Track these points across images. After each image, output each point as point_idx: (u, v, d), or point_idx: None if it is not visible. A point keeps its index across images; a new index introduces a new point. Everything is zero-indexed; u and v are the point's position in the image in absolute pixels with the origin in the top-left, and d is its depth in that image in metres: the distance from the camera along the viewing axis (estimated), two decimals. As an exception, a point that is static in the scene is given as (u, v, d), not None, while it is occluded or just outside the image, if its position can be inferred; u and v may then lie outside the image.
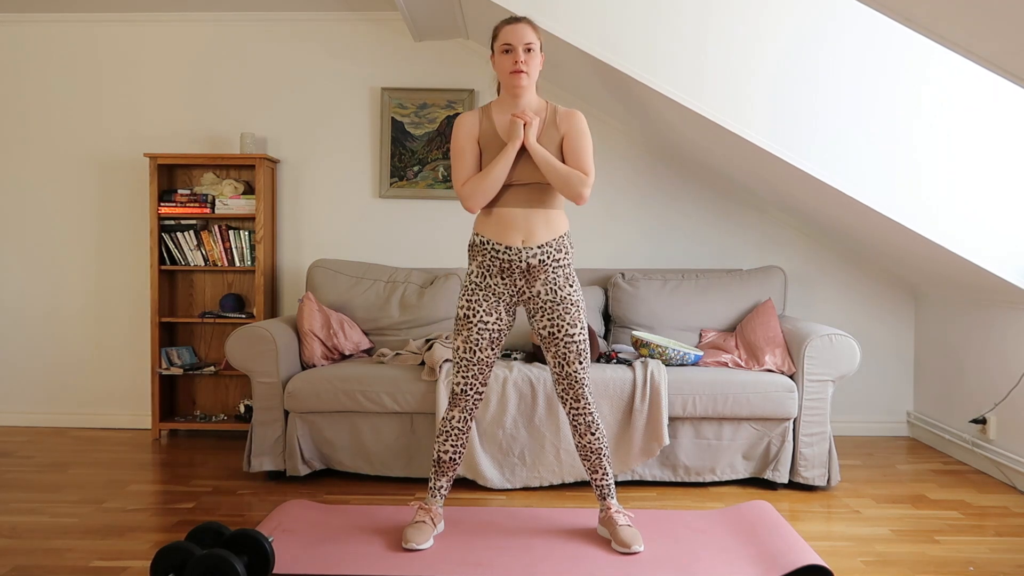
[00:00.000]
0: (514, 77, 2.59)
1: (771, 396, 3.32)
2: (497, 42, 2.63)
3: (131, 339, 4.47)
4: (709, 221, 4.38)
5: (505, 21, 2.65)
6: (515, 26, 2.61)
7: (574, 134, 2.64)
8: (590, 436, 2.71)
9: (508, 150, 2.59)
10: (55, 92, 4.46)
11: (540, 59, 2.65)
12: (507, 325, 2.71)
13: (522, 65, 2.58)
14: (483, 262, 2.66)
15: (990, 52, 2.29)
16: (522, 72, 2.59)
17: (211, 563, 2.18)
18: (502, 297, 2.67)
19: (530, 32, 2.61)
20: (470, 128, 2.68)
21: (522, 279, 2.65)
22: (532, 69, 2.61)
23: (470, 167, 2.66)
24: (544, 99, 2.72)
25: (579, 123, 2.66)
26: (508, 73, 2.60)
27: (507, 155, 2.59)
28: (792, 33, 3.28)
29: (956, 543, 2.75)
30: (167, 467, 3.68)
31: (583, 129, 2.65)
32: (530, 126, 2.58)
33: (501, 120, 2.66)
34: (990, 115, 3.22)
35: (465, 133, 2.68)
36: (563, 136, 2.64)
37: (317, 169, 4.45)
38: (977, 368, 3.73)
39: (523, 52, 2.58)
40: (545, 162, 2.58)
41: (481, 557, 2.57)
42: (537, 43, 2.62)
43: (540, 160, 2.58)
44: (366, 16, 4.37)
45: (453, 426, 2.73)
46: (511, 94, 2.65)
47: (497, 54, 2.63)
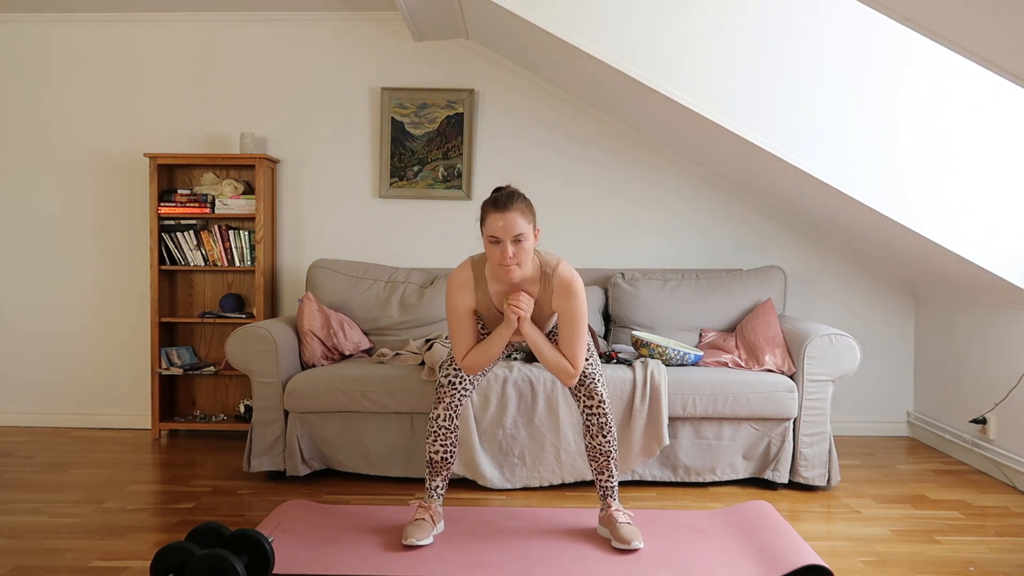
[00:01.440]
0: (503, 271, 2.51)
1: (771, 396, 3.32)
2: (485, 229, 2.49)
3: (131, 339, 4.47)
4: (709, 221, 4.38)
5: (492, 205, 2.47)
6: (503, 216, 2.43)
7: (568, 317, 2.59)
8: (601, 438, 2.72)
9: (503, 334, 2.61)
10: (55, 92, 4.46)
11: (535, 238, 2.52)
12: None
13: (510, 260, 2.47)
14: None
15: (990, 52, 2.29)
16: (511, 267, 2.49)
17: (211, 563, 2.18)
18: None
19: (520, 221, 2.44)
20: (466, 301, 2.64)
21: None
22: (523, 259, 2.49)
23: (469, 339, 2.67)
24: (539, 256, 2.61)
25: (574, 305, 2.57)
26: (497, 264, 2.50)
27: (502, 338, 2.62)
28: (784, 28, 3.28)
29: (956, 543, 2.75)
30: (167, 467, 3.68)
31: (577, 313, 2.58)
32: (523, 321, 2.58)
33: (495, 289, 2.64)
34: (990, 115, 3.22)
35: (462, 306, 2.64)
36: (556, 311, 2.64)
37: (317, 169, 4.45)
38: (977, 368, 3.73)
39: (512, 245, 2.45)
40: (537, 348, 2.63)
41: (481, 557, 2.57)
42: (529, 228, 2.48)
43: (532, 345, 2.63)
44: (366, 16, 4.37)
45: (440, 425, 2.73)
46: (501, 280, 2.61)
47: (486, 240, 2.50)
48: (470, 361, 2.66)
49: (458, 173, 4.36)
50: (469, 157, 4.36)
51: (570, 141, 4.37)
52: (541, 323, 2.72)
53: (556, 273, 2.58)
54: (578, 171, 4.37)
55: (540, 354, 2.63)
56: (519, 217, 2.44)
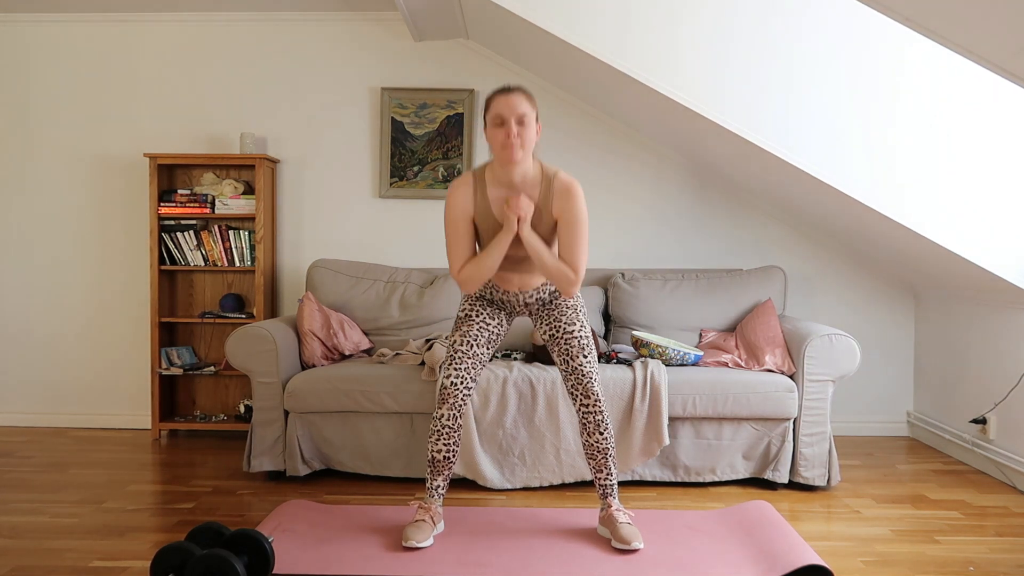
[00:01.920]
0: (506, 152, 2.49)
1: (771, 396, 3.32)
2: (489, 113, 2.52)
3: (131, 339, 4.47)
4: (709, 221, 4.38)
5: (497, 91, 2.53)
6: (507, 97, 2.49)
7: (567, 222, 2.57)
8: (598, 435, 2.72)
9: (502, 240, 2.56)
10: (55, 92, 4.46)
11: (536, 129, 2.54)
12: (505, 331, 2.83)
13: (515, 139, 2.47)
14: (482, 293, 2.78)
15: (990, 52, 2.29)
16: (514, 147, 2.48)
17: (211, 563, 2.18)
18: (503, 307, 2.80)
19: (524, 103, 2.50)
20: (464, 207, 2.61)
21: (521, 310, 2.80)
22: (527, 142, 2.51)
23: (466, 251, 2.62)
24: (540, 163, 2.62)
25: (574, 207, 2.56)
26: (500, 147, 2.50)
27: (501, 245, 2.56)
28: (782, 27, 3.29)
29: (956, 543, 2.75)
30: (167, 467, 3.68)
31: (577, 215, 2.56)
32: (523, 222, 2.53)
33: (496, 196, 2.60)
34: (990, 115, 3.22)
35: (460, 212, 2.61)
36: (557, 216, 2.60)
37: (317, 169, 4.45)
38: (977, 368, 3.73)
39: (516, 125, 2.48)
40: (536, 254, 2.56)
41: (481, 557, 2.57)
42: (532, 113, 2.51)
43: (531, 251, 2.56)
44: (366, 16, 4.37)
45: (444, 424, 2.73)
46: (505, 168, 2.57)
47: (489, 126, 2.52)
48: (467, 273, 2.59)
49: (458, 173, 4.36)
50: (469, 157, 4.36)
51: (570, 141, 4.37)
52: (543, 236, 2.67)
53: (557, 177, 2.59)
54: (578, 171, 4.36)
55: (540, 260, 2.56)
56: (523, 99, 2.51)
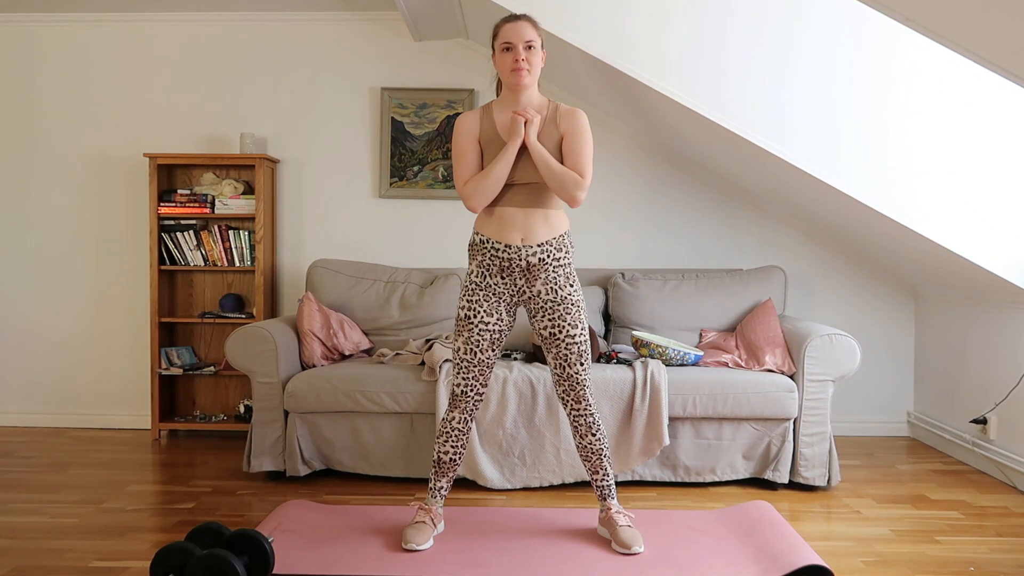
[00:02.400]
0: (515, 75, 2.58)
1: (771, 396, 3.31)
2: (497, 40, 2.62)
3: (131, 339, 4.47)
4: (709, 221, 4.38)
5: (505, 19, 2.64)
6: (515, 24, 2.60)
7: (573, 133, 2.62)
8: (591, 437, 2.71)
9: (509, 148, 2.58)
10: (55, 92, 4.46)
11: (541, 56, 2.63)
12: (507, 326, 2.70)
13: (523, 63, 2.57)
14: (483, 261, 2.66)
15: (990, 52, 2.29)
16: (523, 70, 2.57)
17: (211, 563, 2.18)
18: (502, 297, 2.67)
19: (530, 29, 2.59)
20: (471, 128, 2.67)
21: (522, 278, 2.64)
22: (533, 66, 2.60)
23: (472, 167, 2.66)
24: (546, 97, 2.71)
25: (580, 122, 2.64)
26: (509, 71, 2.59)
27: (508, 154, 2.58)
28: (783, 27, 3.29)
29: (956, 543, 2.75)
30: (167, 467, 3.68)
31: (583, 129, 2.63)
32: (531, 123, 2.58)
33: (502, 119, 2.65)
34: (990, 115, 3.22)
35: (466, 133, 2.67)
36: (563, 134, 2.63)
37: (317, 169, 4.45)
38: (977, 368, 3.73)
39: (524, 50, 2.57)
40: (543, 161, 2.57)
41: (481, 557, 2.57)
42: (538, 40, 2.61)
43: (538, 158, 2.57)
44: (366, 16, 4.37)
45: (454, 427, 2.72)
46: (512, 92, 2.64)
47: (498, 53, 2.62)
48: (473, 184, 2.62)
49: (458, 173, 4.35)
50: (469, 157, 4.35)
51: (570, 141, 4.36)
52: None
53: (560, 105, 2.68)
54: (578, 171, 4.36)
55: (546, 164, 2.57)
56: (530, 27, 2.60)
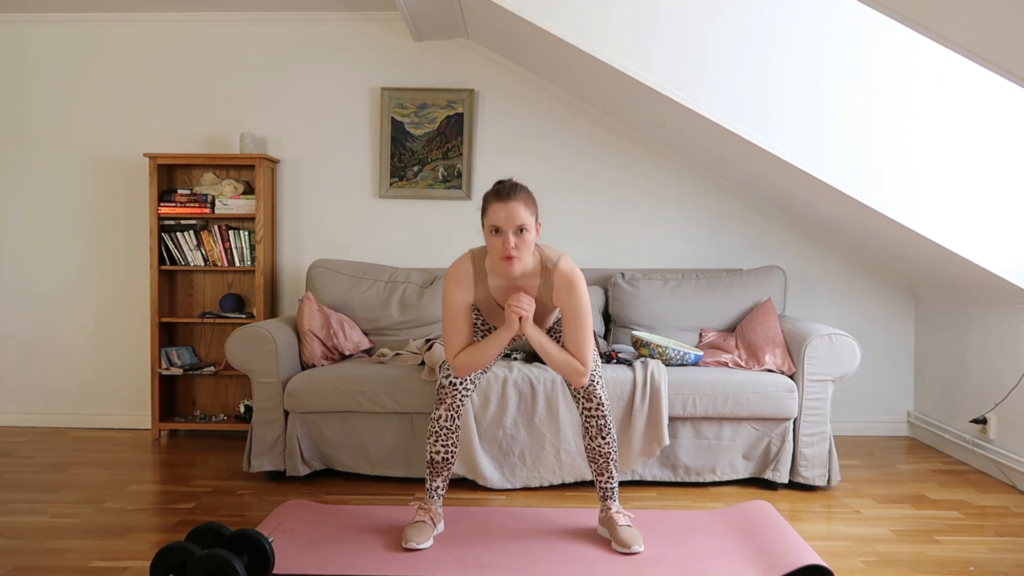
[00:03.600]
0: (505, 264, 2.43)
1: (771, 396, 3.32)
2: (486, 218, 2.43)
3: (131, 339, 4.47)
4: (709, 221, 4.38)
5: (495, 195, 2.43)
6: (506, 206, 2.39)
7: (571, 313, 2.52)
8: (600, 440, 2.71)
9: (501, 336, 2.55)
10: (55, 92, 4.46)
11: (536, 231, 2.46)
12: None
13: (513, 251, 2.40)
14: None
15: (990, 52, 2.29)
16: (514, 259, 2.42)
17: (211, 563, 2.18)
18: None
19: (522, 212, 2.39)
20: (464, 298, 2.56)
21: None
22: (525, 251, 2.43)
23: (463, 338, 2.59)
24: (540, 251, 2.55)
25: (576, 299, 2.51)
26: (499, 257, 2.44)
27: (500, 341, 2.56)
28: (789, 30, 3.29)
29: (956, 543, 2.75)
30: (167, 467, 3.68)
31: (580, 307, 2.52)
32: (525, 321, 2.51)
33: (496, 285, 2.57)
34: (990, 115, 3.22)
35: (460, 303, 2.56)
36: (559, 308, 2.58)
37: (317, 169, 4.45)
38: (977, 368, 3.73)
39: (514, 235, 2.40)
40: (542, 350, 2.55)
41: (481, 557, 2.57)
42: (532, 219, 2.42)
43: (536, 347, 2.55)
44: (366, 16, 4.37)
45: (441, 425, 2.72)
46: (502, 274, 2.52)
47: (486, 231, 2.44)
48: (462, 361, 2.57)
49: (458, 173, 4.36)
50: (469, 157, 4.36)
51: (570, 140, 4.37)
52: (542, 320, 2.68)
53: (557, 268, 2.53)
54: (578, 170, 4.37)
55: (546, 355, 2.55)
56: (522, 208, 2.40)
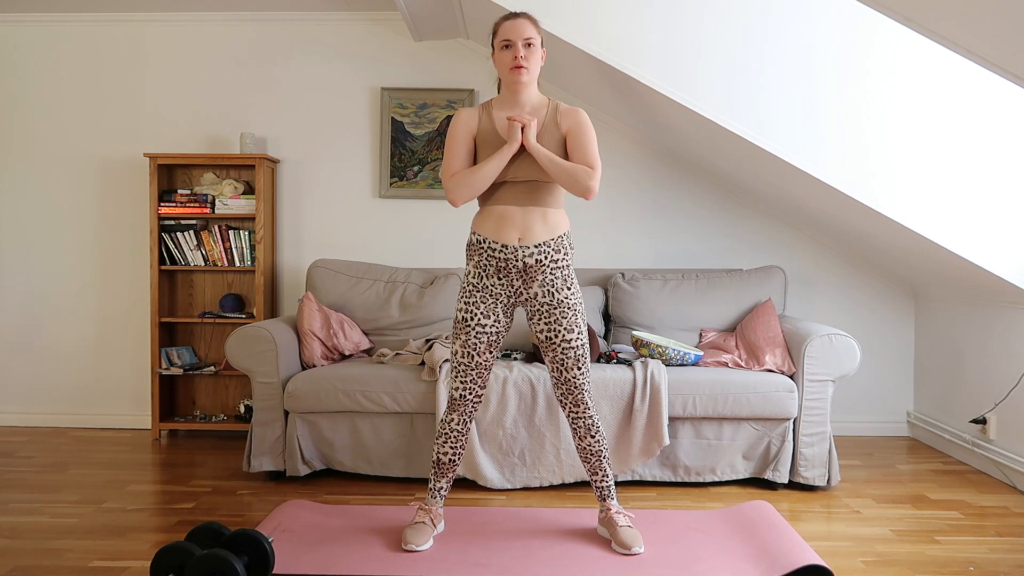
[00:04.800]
0: (514, 73, 2.57)
1: (771, 396, 3.32)
2: (496, 38, 2.61)
3: (131, 339, 4.47)
4: (709, 221, 4.38)
5: (504, 17, 2.63)
6: (514, 22, 2.59)
7: (577, 129, 2.61)
8: (590, 439, 2.70)
9: (504, 151, 2.56)
10: (55, 92, 4.46)
11: (541, 55, 2.62)
12: (505, 327, 2.68)
13: (522, 60, 2.55)
14: (480, 261, 2.63)
15: (990, 52, 2.29)
16: (522, 67, 2.56)
17: (211, 563, 2.18)
18: (499, 299, 2.64)
19: (530, 27, 2.58)
20: (467, 122, 2.66)
21: (519, 279, 2.62)
22: (532, 64, 2.59)
23: (462, 161, 2.64)
24: (546, 96, 2.70)
25: (581, 118, 2.62)
26: (508, 69, 2.58)
27: (502, 155, 2.55)
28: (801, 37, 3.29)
29: (956, 543, 2.75)
30: (167, 467, 3.68)
31: (586, 124, 2.62)
32: (528, 127, 2.55)
33: (501, 118, 2.63)
34: (990, 115, 3.22)
35: (462, 127, 2.65)
36: (565, 133, 2.61)
37: (317, 169, 4.45)
38: (977, 368, 3.73)
39: (523, 47, 2.56)
40: (548, 161, 2.54)
41: (481, 557, 2.57)
42: (537, 38, 2.59)
43: (542, 160, 2.54)
44: (366, 16, 4.37)
45: (452, 428, 2.72)
46: (511, 90, 2.63)
47: (497, 50, 2.61)
48: (459, 177, 2.58)
49: (458, 173, 4.36)
50: (469, 157, 4.35)
51: (570, 141, 4.36)
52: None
53: (560, 104, 2.67)
54: (578, 171, 4.37)
55: (552, 162, 2.54)
56: (530, 24, 2.59)
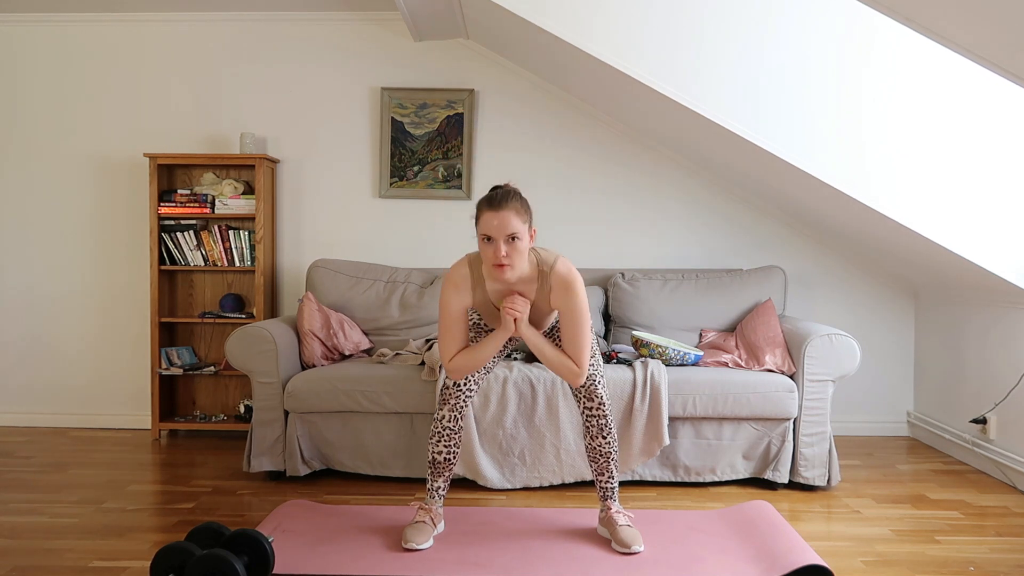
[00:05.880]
0: (497, 271, 2.43)
1: (771, 396, 3.31)
2: (479, 225, 2.44)
3: (131, 339, 4.47)
4: (709, 221, 4.38)
5: (487, 203, 2.42)
6: (497, 214, 2.39)
7: (568, 314, 2.52)
8: (601, 439, 2.71)
9: (497, 338, 2.56)
10: (55, 92, 4.46)
11: (530, 237, 2.47)
12: None
13: (504, 259, 2.40)
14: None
15: (990, 52, 2.29)
16: (505, 267, 2.42)
17: (211, 563, 2.18)
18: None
19: (513, 220, 2.39)
20: (462, 300, 2.57)
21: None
22: (517, 259, 2.43)
23: (459, 342, 2.59)
24: (536, 253, 2.54)
25: (573, 300, 2.51)
26: (491, 264, 2.43)
27: (495, 343, 2.57)
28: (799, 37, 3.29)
29: (956, 543, 2.75)
30: (167, 467, 3.68)
31: (577, 308, 2.51)
32: (520, 323, 2.51)
33: (494, 290, 2.57)
34: (990, 115, 3.22)
35: (456, 305, 2.56)
36: (556, 309, 2.59)
37: (317, 169, 4.45)
38: (977, 368, 3.73)
39: (505, 244, 2.40)
40: (539, 351, 2.56)
41: (481, 557, 2.57)
42: (524, 227, 2.42)
43: (533, 347, 2.56)
44: (366, 16, 4.37)
45: (444, 426, 2.72)
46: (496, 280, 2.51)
47: (479, 239, 2.45)
48: (457, 363, 2.59)
49: (458, 173, 4.36)
50: (469, 157, 4.36)
51: (570, 140, 4.37)
52: (540, 322, 2.68)
53: (554, 271, 2.52)
54: (578, 170, 4.37)
55: (543, 356, 2.57)
56: (513, 216, 2.40)
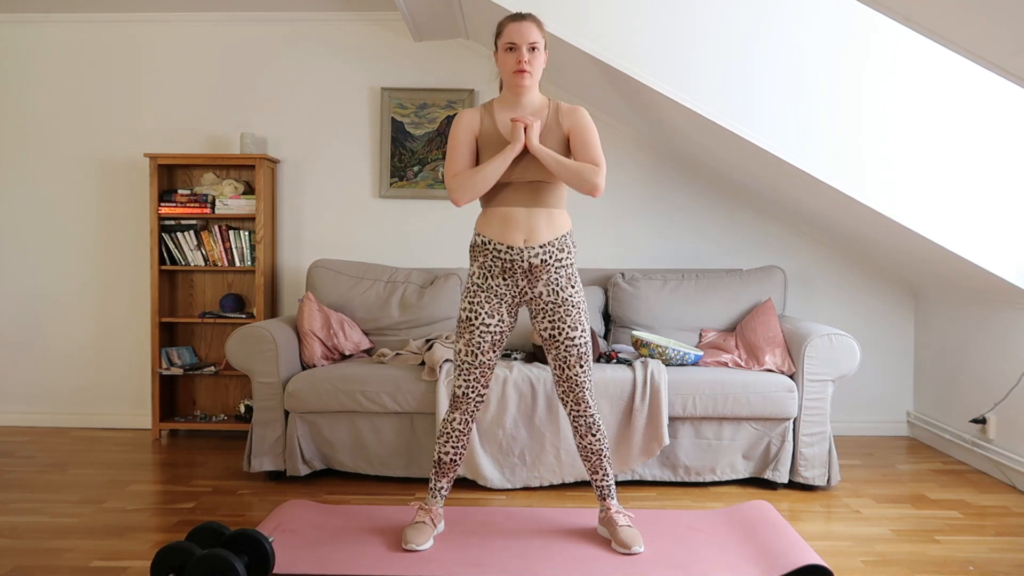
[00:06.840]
0: (517, 77, 2.57)
1: (771, 396, 3.32)
2: (501, 39, 2.60)
3: (131, 339, 4.47)
4: (709, 221, 4.38)
5: (510, 18, 2.61)
6: (520, 24, 2.57)
7: (579, 128, 2.61)
8: (591, 437, 2.71)
9: (507, 152, 2.55)
10: (56, 92, 4.46)
11: (544, 57, 2.62)
12: (509, 327, 2.68)
13: (526, 65, 2.55)
14: (484, 263, 2.64)
15: (990, 52, 2.29)
16: (526, 72, 2.56)
17: (211, 563, 2.18)
18: (504, 299, 2.65)
19: (535, 31, 2.57)
20: (470, 123, 2.65)
21: (524, 279, 2.62)
22: (536, 68, 2.59)
23: (464, 161, 2.64)
24: (547, 96, 2.70)
25: (583, 117, 2.62)
26: (511, 72, 2.58)
27: (504, 156, 2.55)
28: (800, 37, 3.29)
29: (956, 543, 2.75)
30: (167, 467, 3.68)
31: (587, 122, 2.62)
32: (531, 129, 2.55)
33: (504, 119, 2.63)
34: (990, 115, 3.22)
35: (465, 127, 2.65)
36: (567, 132, 2.62)
37: (317, 169, 4.45)
38: (977, 368, 3.73)
39: (527, 51, 2.55)
40: (553, 161, 2.54)
41: (481, 557, 2.57)
42: (542, 42, 2.59)
43: (547, 160, 2.54)
44: (366, 16, 4.37)
45: (454, 428, 2.72)
46: (513, 92, 2.62)
47: (500, 51, 2.60)
48: (461, 177, 2.59)
49: (458, 173, 4.36)
50: (469, 157, 4.35)
51: (570, 141, 4.37)
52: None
53: (561, 104, 2.66)
54: (578, 171, 4.37)
55: (557, 163, 2.53)
56: (535, 27, 2.58)
